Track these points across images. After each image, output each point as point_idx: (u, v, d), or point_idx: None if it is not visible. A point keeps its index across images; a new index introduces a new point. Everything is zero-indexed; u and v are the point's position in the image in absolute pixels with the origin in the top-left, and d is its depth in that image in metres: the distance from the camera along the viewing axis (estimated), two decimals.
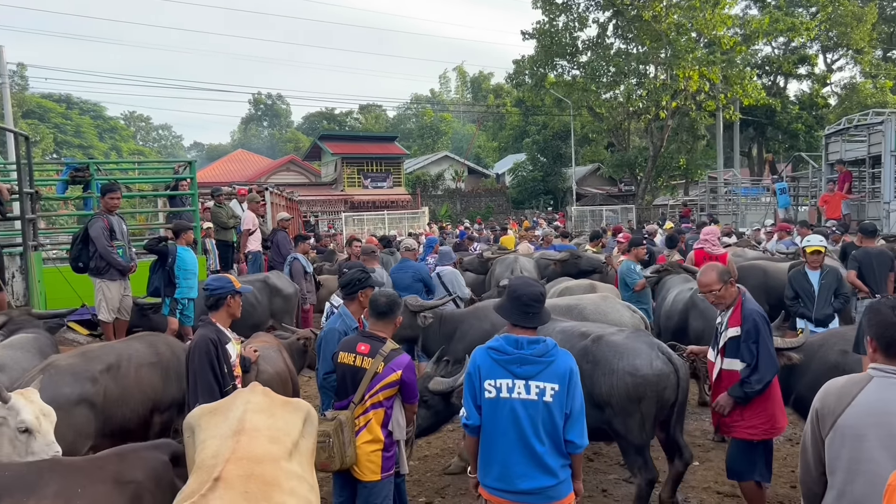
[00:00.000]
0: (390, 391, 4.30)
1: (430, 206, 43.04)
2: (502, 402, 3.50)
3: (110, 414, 5.24)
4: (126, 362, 5.50)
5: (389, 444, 4.35)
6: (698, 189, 38.46)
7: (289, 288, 10.41)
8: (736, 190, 31.32)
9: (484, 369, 3.56)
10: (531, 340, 3.56)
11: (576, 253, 11.41)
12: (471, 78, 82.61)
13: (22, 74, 54.87)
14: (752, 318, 4.67)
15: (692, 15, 34.62)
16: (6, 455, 3.60)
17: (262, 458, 2.95)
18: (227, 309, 4.80)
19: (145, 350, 5.74)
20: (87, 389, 5.08)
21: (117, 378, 5.35)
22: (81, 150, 60.30)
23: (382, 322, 4.52)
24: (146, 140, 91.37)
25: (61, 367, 5.16)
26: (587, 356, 5.09)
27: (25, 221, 8.27)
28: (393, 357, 4.32)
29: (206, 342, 4.54)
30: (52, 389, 4.84)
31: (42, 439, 3.67)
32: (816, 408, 2.84)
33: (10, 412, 3.63)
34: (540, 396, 3.46)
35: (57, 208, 14.81)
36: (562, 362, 3.54)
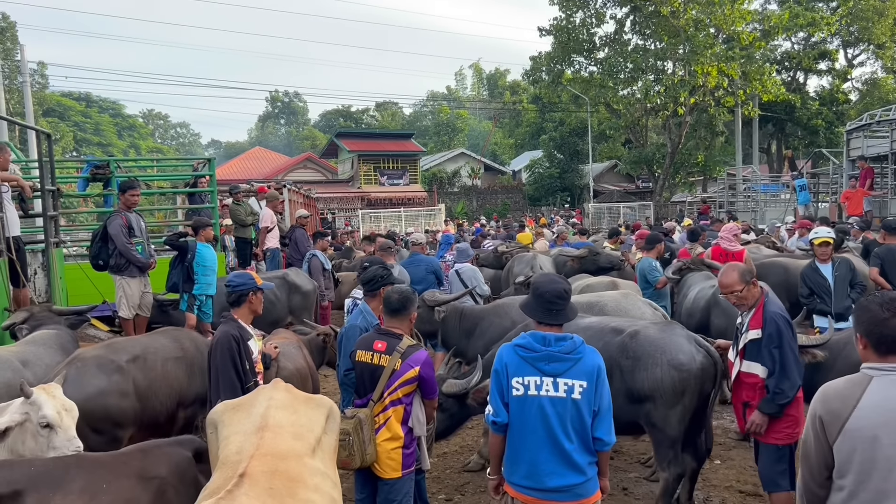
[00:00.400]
0: (409, 388, 4.27)
1: (446, 203, 43.04)
2: (530, 400, 3.47)
3: (143, 404, 5.33)
4: (152, 355, 5.59)
5: (409, 441, 4.32)
6: (717, 186, 38.18)
7: (307, 285, 10.43)
8: (755, 187, 31.05)
9: (511, 367, 3.54)
10: (558, 337, 3.54)
11: (594, 250, 11.35)
12: (487, 75, 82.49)
13: (42, 73, 55.47)
14: (774, 321, 4.47)
15: (711, 10, 34.37)
16: (29, 449, 3.63)
17: (286, 455, 2.94)
18: (248, 305, 4.82)
19: (170, 344, 5.82)
20: (115, 379, 5.18)
21: (144, 370, 5.44)
22: (101, 148, 60.98)
23: (397, 319, 4.49)
24: (164, 138, 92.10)
25: (87, 358, 5.26)
26: (626, 352, 5.07)
27: (47, 218, 8.32)
28: (410, 353, 4.29)
29: (228, 339, 4.56)
30: (79, 381, 4.97)
31: (63, 434, 3.69)
32: (819, 414, 2.78)
33: (33, 407, 3.66)
34: (568, 394, 3.44)
35: (77, 205, 14.95)
36: (589, 359, 3.52)
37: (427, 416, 4.47)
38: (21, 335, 6.07)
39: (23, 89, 30.61)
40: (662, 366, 4.94)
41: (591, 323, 5.46)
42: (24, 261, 7.43)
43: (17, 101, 41.23)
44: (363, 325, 5.02)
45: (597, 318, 5.71)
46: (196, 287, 8.42)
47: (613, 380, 5.00)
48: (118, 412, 5.12)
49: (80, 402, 4.68)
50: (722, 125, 39.94)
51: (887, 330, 2.73)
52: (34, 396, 3.66)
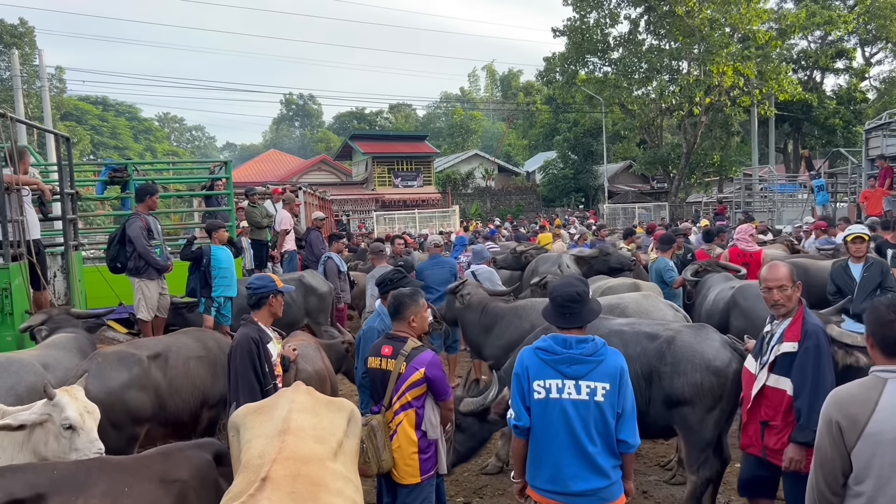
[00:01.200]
0: (417, 390, 4.21)
1: (460, 204, 43.04)
2: (552, 403, 3.45)
3: (164, 402, 5.41)
4: (174, 354, 5.67)
5: (425, 445, 4.26)
6: (733, 186, 37.90)
7: (323, 287, 10.44)
8: (772, 187, 30.81)
9: (532, 370, 3.51)
10: (580, 339, 3.51)
11: (604, 250, 11.30)
12: (500, 76, 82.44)
13: (60, 77, 55.95)
14: (815, 335, 4.01)
15: (726, 9, 34.16)
16: (51, 451, 3.65)
17: (309, 459, 2.93)
18: (269, 308, 4.84)
19: (193, 343, 5.90)
20: (136, 373, 5.26)
21: (166, 368, 5.52)
22: (117, 151, 61.51)
23: (398, 322, 4.46)
24: (180, 141, 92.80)
25: (108, 354, 5.37)
26: (664, 358, 5.02)
27: (66, 221, 8.37)
28: (414, 356, 4.23)
29: (247, 341, 4.57)
30: (100, 374, 5.07)
31: (85, 436, 3.70)
32: (836, 419, 2.74)
33: (55, 409, 3.67)
34: (591, 396, 3.41)
35: (94, 208, 15.06)
36: (611, 361, 3.49)
37: (443, 419, 4.40)
38: (39, 337, 6.11)
39: (41, 94, 30.84)
40: (702, 370, 4.90)
41: (622, 328, 5.39)
42: (44, 263, 7.47)
43: (35, 105, 41.63)
44: (380, 327, 5.02)
45: (626, 322, 5.65)
46: (214, 290, 8.45)
47: (652, 386, 5.01)
48: (137, 406, 5.19)
49: (100, 395, 4.87)
50: (737, 125, 39.67)
51: (891, 332, 2.71)
52: (57, 398, 3.68)
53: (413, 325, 4.44)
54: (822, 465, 2.80)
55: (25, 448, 3.66)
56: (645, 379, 5.02)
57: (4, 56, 48.35)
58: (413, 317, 4.44)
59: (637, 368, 4.96)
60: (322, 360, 6.16)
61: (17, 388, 4.75)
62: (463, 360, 10.46)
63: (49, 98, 30.63)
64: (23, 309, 6.93)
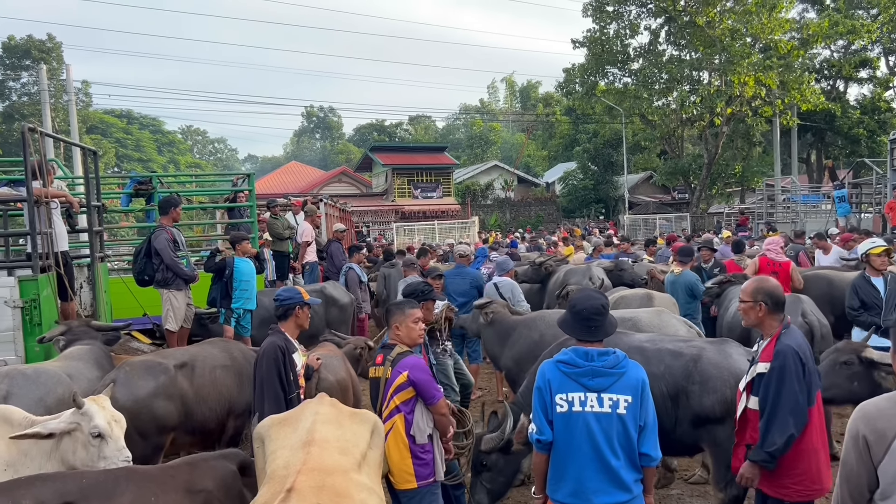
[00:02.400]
0: (404, 394, 4.21)
1: (479, 215, 43.04)
2: (575, 416, 3.44)
3: (191, 410, 5.51)
4: (201, 363, 5.77)
5: (419, 451, 4.23)
6: (755, 197, 37.59)
7: (344, 298, 10.51)
8: (794, 198, 30.52)
9: (554, 383, 3.51)
10: (601, 352, 3.51)
11: (620, 265, 11.32)
12: (519, 87, 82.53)
13: (86, 91, 56.90)
14: (784, 355, 3.90)
15: (747, 19, 34.00)
16: (80, 459, 3.71)
17: (333, 470, 2.96)
18: (295, 319, 4.92)
19: (219, 353, 6.00)
20: (162, 382, 5.37)
21: (192, 377, 5.62)
22: (141, 164, 62.31)
23: (389, 330, 4.55)
24: (202, 153, 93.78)
25: (135, 363, 5.49)
26: (691, 377, 4.96)
27: (93, 233, 8.49)
28: (399, 360, 4.26)
29: (274, 349, 4.66)
30: (128, 383, 5.19)
31: (114, 444, 3.78)
32: (863, 434, 2.68)
33: (84, 418, 3.74)
34: (613, 409, 3.41)
35: (118, 220, 15.24)
36: (633, 374, 3.49)
37: (438, 426, 4.33)
38: (57, 348, 6.19)
39: (68, 107, 31.43)
40: (731, 386, 4.81)
41: (643, 344, 5.34)
42: (71, 275, 7.58)
43: (62, 118, 42.41)
44: None
45: (647, 338, 5.60)
46: (234, 302, 8.54)
47: (679, 405, 4.94)
48: (164, 415, 5.29)
49: (128, 403, 4.99)
50: (759, 135, 39.37)
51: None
52: (86, 407, 3.74)
53: (398, 332, 4.47)
54: (847, 480, 2.76)
55: (53, 457, 3.73)
56: (671, 398, 4.96)
57: (33, 71, 49.26)
58: (397, 324, 4.47)
59: (662, 387, 4.92)
60: (346, 370, 6.20)
61: (47, 399, 4.81)
62: (485, 371, 10.46)
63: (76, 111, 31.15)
64: (51, 319, 7.03)
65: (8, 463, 3.69)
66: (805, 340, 4.09)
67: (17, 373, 4.95)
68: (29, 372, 5.05)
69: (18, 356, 6.41)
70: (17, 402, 4.42)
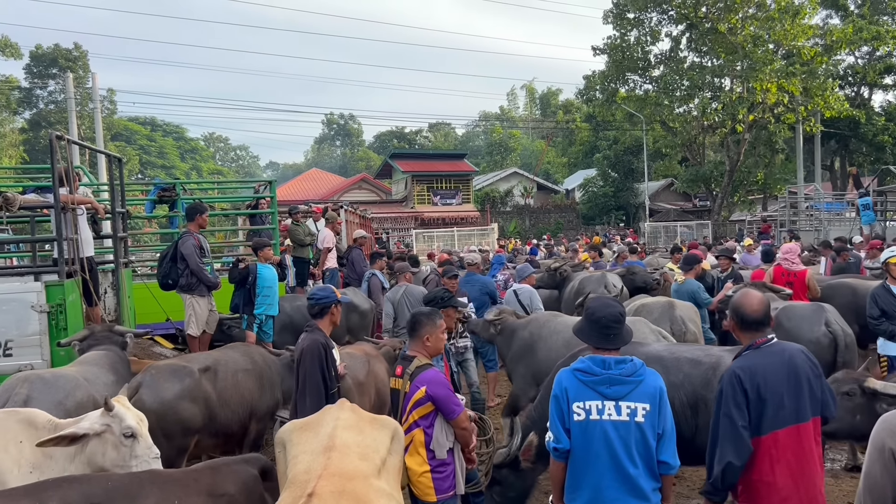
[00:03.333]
0: (422, 409, 4.16)
1: (498, 222, 43.02)
2: (592, 425, 3.42)
3: (214, 413, 5.63)
4: (223, 367, 5.90)
5: (437, 465, 4.19)
6: (777, 204, 37.20)
7: (365, 304, 10.55)
8: (818, 205, 30.16)
9: (572, 392, 3.49)
10: (618, 360, 3.50)
11: (631, 269, 11.32)
12: (539, 94, 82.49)
13: (111, 99, 57.73)
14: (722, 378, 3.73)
15: (770, 26, 33.74)
16: (110, 460, 3.76)
17: (354, 475, 2.98)
18: (330, 317, 5.08)
19: (241, 358, 6.12)
20: (188, 385, 5.51)
21: (216, 380, 5.75)
22: (164, 170, 63.05)
23: (412, 341, 4.49)
24: (224, 160, 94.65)
25: (161, 367, 5.64)
26: (711, 386, 4.86)
27: (117, 239, 8.62)
28: (417, 374, 4.22)
29: (317, 345, 4.80)
30: (154, 385, 5.33)
31: (144, 442, 3.85)
32: (890, 447, 2.68)
33: (114, 419, 3.80)
34: (631, 417, 3.39)
35: (141, 226, 15.44)
36: (651, 381, 3.47)
37: (460, 439, 4.27)
38: (74, 353, 6.27)
39: (94, 115, 31.89)
40: None
41: (661, 354, 5.29)
42: (96, 280, 7.70)
43: (87, 126, 43.03)
44: None
45: (664, 348, 5.57)
46: (257, 308, 8.62)
47: (699, 414, 4.86)
48: (189, 417, 5.42)
49: (154, 405, 5.13)
50: (782, 142, 38.99)
51: None
52: (116, 408, 3.81)
53: (427, 344, 4.42)
54: (870, 492, 2.74)
55: (78, 459, 3.77)
56: (691, 407, 4.91)
57: (59, 79, 50.06)
58: (428, 336, 4.41)
59: (682, 396, 4.87)
60: (368, 372, 6.25)
61: (66, 403, 4.84)
62: (504, 378, 10.43)
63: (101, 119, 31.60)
64: (77, 324, 7.13)
65: (34, 465, 3.75)
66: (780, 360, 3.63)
67: (35, 377, 5.01)
68: (48, 376, 5.10)
69: (45, 360, 6.50)
70: (37, 406, 4.45)
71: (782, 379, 3.57)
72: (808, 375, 3.62)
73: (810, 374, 3.63)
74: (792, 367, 3.60)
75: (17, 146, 49.85)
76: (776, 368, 3.59)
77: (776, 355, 3.63)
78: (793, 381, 3.58)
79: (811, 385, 3.61)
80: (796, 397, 3.57)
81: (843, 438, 4.94)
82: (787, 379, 3.57)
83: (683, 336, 7.14)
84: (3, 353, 6.46)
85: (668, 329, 7.16)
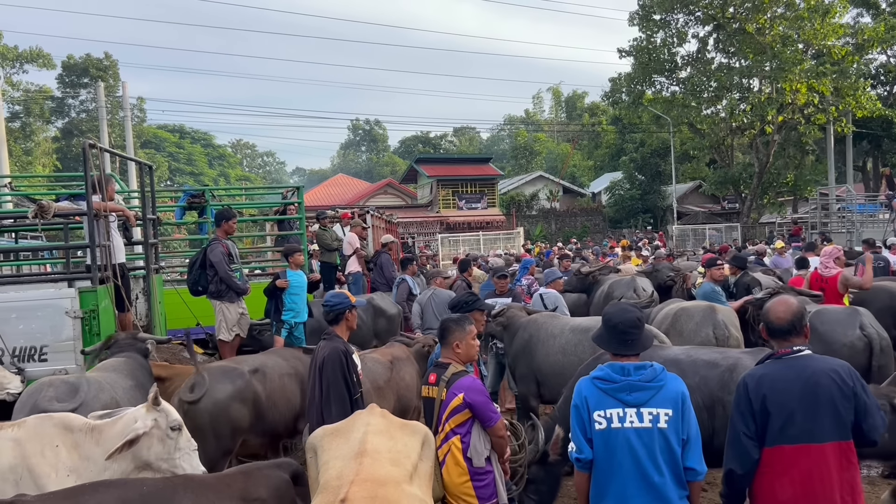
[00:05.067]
0: (459, 417, 4.11)
1: (524, 226, 42.90)
2: (614, 433, 3.36)
3: (263, 413, 5.83)
4: (270, 369, 6.08)
5: (476, 472, 4.14)
6: (808, 206, 36.61)
7: (392, 309, 10.59)
8: (850, 207, 29.62)
9: (592, 400, 3.43)
10: (637, 366, 3.44)
11: (655, 265, 11.29)
12: (565, 98, 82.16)
13: (141, 107, 58.58)
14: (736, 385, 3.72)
15: (799, 25, 33.29)
16: (155, 454, 3.85)
17: (385, 481, 2.98)
18: (345, 322, 5.07)
19: (283, 362, 6.28)
20: (239, 385, 5.71)
21: (264, 381, 5.93)
22: (193, 177, 63.76)
23: (443, 347, 4.44)
24: (251, 166, 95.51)
25: (213, 368, 5.89)
26: (727, 387, 4.87)
27: (148, 246, 8.72)
28: (454, 381, 4.18)
29: (338, 353, 4.81)
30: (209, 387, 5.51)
31: (185, 434, 3.98)
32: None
33: (161, 414, 3.90)
34: (654, 423, 3.32)
35: (171, 232, 15.62)
36: (672, 386, 3.41)
37: (496, 447, 4.24)
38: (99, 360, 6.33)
39: (124, 123, 32.41)
40: None
41: (678, 357, 5.27)
42: (128, 286, 7.79)
43: (118, 134, 43.72)
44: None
45: (681, 351, 5.54)
46: (285, 314, 8.69)
47: (716, 416, 4.84)
48: (239, 417, 5.62)
49: (208, 406, 5.39)
50: (812, 143, 38.39)
51: None
52: (162, 404, 3.91)
53: (458, 350, 4.37)
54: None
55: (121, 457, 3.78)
56: (707, 410, 4.87)
57: (90, 88, 50.96)
58: (458, 342, 4.37)
59: (698, 399, 4.79)
60: (389, 378, 6.27)
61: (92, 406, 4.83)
62: None
63: (131, 127, 32.10)
64: (109, 329, 7.23)
65: (70, 469, 3.80)
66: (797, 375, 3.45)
67: (60, 381, 5.09)
68: (72, 380, 5.19)
69: (78, 365, 6.60)
70: (62, 409, 4.52)
71: (794, 394, 3.38)
72: (834, 396, 3.36)
73: (836, 395, 3.36)
74: (811, 384, 3.38)
75: (51, 154, 50.88)
76: (789, 382, 3.41)
77: (794, 369, 3.44)
78: (809, 399, 3.37)
79: (836, 406, 3.36)
80: (812, 416, 3.36)
81: (868, 458, 4.76)
82: (801, 395, 3.37)
83: (726, 341, 7.00)
84: (39, 357, 6.58)
85: (711, 333, 7.06)
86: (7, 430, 3.88)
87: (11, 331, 6.48)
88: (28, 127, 50.27)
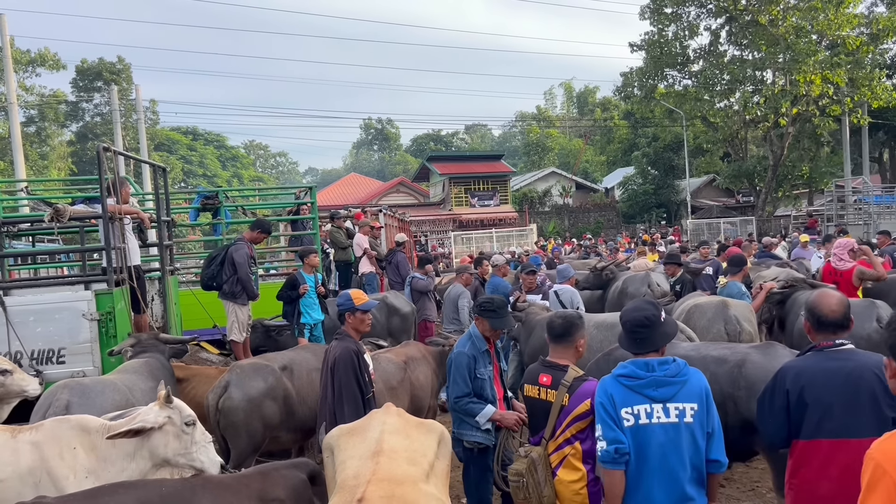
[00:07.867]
0: (581, 423, 3.91)
1: (537, 222, 42.78)
2: (642, 429, 3.34)
3: (293, 409, 5.96)
4: (298, 366, 6.21)
5: (594, 479, 3.94)
6: (824, 199, 36.30)
7: (405, 307, 10.60)
8: (867, 198, 29.34)
9: (618, 398, 3.39)
10: (661, 361, 3.42)
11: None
12: (577, 93, 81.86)
13: (154, 110, 58.89)
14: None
15: (812, 16, 32.96)
16: (172, 450, 3.87)
17: (402, 480, 2.98)
18: (348, 324, 5.08)
19: (312, 358, 6.35)
20: (271, 382, 5.86)
21: (293, 378, 6.07)
22: (206, 179, 64.09)
23: (561, 346, 4.15)
24: (264, 167, 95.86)
25: (245, 366, 6.03)
26: (737, 383, 4.88)
27: (163, 247, 8.78)
28: (577, 386, 3.94)
29: (349, 353, 4.84)
30: (241, 383, 5.69)
31: (199, 428, 4.01)
32: None
33: (174, 410, 3.92)
34: (680, 418, 3.32)
35: (185, 234, 15.69)
36: (695, 381, 3.41)
37: None
38: (126, 359, 6.38)
39: (137, 126, 32.65)
40: None
41: (688, 353, 5.23)
42: (143, 288, 7.84)
43: (132, 136, 44.06)
44: (471, 352, 4.85)
45: (692, 347, 5.54)
46: (302, 317, 8.76)
47: (727, 412, 4.78)
48: (270, 414, 5.76)
49: (242, 402, 5.56)
50: (827, 135, 38.02)
51: None
52: (175, 401, 3.95)
53: (580, 350, 4.19)
54: None
55: (139, 455, 3.83)
56: (719, 405, 4.78)
57: (104, 92, 51.31)
58: (581, 341, 4.18)
59: None
60: (402, 379, 6.26)
61: (107, 407, 4.85)
62: None
63: (144, 130, 32.31)
64: (125, 331, 7.28)
65: (89, 471, 3.83)
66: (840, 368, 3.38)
67: (76, 384, 5.13)
68: (88, 383, 5.24)
69: (95, 367, 6.65)
70: (78, 411, 4.55)
71: (836, 387, 3.30)
72: (876, 391, 3.26)
73: (878, 391, 3.25)
74: (854, 378, 3.30)
75: (66, 158, 51.28)
76: (830, 375, 3.34)
77: (837, 361, 3.37)
78: (850, 393, 3.28)
79: (877, 402, 3.25)
80: (853, 411, 3.27)
81: None
82: (842, 388, 3.30)
83: (738, 336, 6.94)
84: (57, 360, 6.63)
85: (723, 329, 7.02)
86: (25, 434, 3.91)
87: (30, 334, 6.53)
88: (43, 131, 50.68)
